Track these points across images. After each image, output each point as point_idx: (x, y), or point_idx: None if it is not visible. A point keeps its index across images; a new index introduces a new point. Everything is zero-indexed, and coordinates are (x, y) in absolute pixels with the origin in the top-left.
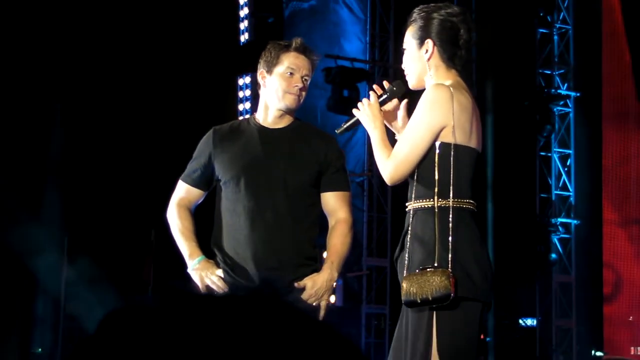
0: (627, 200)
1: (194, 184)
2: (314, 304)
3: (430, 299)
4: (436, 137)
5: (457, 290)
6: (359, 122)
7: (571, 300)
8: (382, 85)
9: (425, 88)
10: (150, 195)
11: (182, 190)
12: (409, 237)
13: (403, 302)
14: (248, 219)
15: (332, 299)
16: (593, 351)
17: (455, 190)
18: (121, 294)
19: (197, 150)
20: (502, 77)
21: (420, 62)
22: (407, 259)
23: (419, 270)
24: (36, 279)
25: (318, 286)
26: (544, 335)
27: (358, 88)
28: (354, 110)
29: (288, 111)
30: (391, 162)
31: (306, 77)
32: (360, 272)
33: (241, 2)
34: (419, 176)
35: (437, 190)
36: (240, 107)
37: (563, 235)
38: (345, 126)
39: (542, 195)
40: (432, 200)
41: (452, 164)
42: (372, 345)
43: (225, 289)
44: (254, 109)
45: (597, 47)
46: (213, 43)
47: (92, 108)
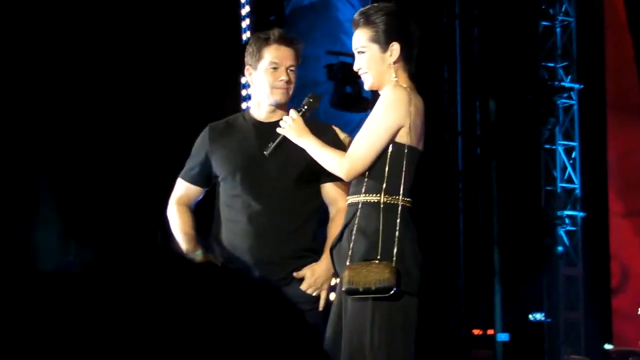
0: (633, 191)
1: (192, 181)
2: (313, 294)
3: (373, 288)
4: (392, 137)
5: (399, 283)
6: (285, 138)
7: (578, 294)
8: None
9: (381, 90)
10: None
11: (181, 188)
12: (353, 229)
13: (344, 290)
14: (245, 213)
15: (332, 297)
16: (605, 345)
17: (405, 189)
18: None
19: (194, 147)
20: (505, 71)
21: (383, 64)
22: (349, 250)
23: (364, 261)
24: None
25: (317, 275)
26: (551, 328)
27: (360, 84)
28: (279, 129)
29: (279, 105)
30: (347, 160)
31: (291, 68)
32: None
33: (242, 0)
34: (369, 172)
35: (384, 187)
36: (244, 105)
37: (569, 227)
38: (272, 145)
39: (548, 188)
40: (379, 195)
41: (405, 164)
42: None
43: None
44: None
45: (600, 39)
46: (214, 42)
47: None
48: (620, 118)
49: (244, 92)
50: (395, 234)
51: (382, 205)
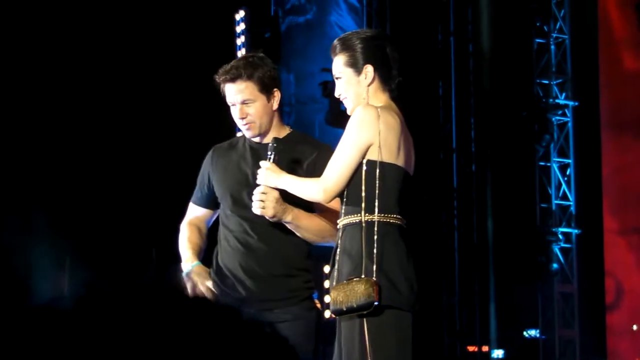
0: (627, 208)
1: (200, 203)
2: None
3: (355, 306)
4: (363, 155)
5: (381, 298)
6: (277, 155)
7: (573, 310)
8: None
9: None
10: (151, 213)
11: (191, 211)
12: (338, 252)
13: (331, 311)
14: (237, 234)
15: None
16: None
17: (381, 205)
18: None
19: (200, 170)
20: (499, 88)
21: (359, 87)
22: (336, 273)
23: (346, 280)
24: (37, 299)
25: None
26: (546, 345)
27: None
28: (258, 181)
29: (257, 136)
30: (322, 182)
31: (246, 101)
32: None
33: (237, 17)
34: (347, 194)
35: (363, 205)
36: None
37: (564, 245)
38: (271, 156)
39: (542, 205)
40: (360, 215)
41: (378, 180)
42: None
43: (212, 297)
44: None
45: (594, 56)
46: (210, 60)
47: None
48: (614, 135)
49: None
50: (374, 250)
51: (364, 225)
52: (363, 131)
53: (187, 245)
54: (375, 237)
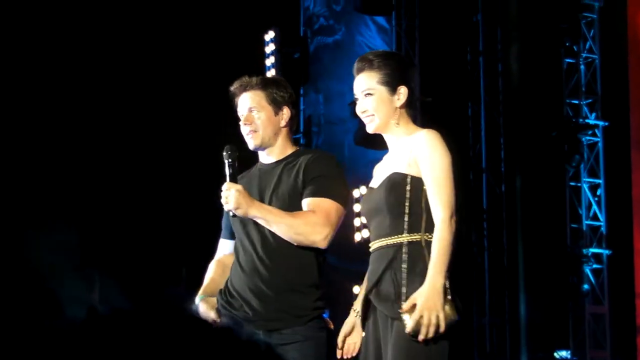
0: None
1: (224, 235)
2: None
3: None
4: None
5: (459, 314)
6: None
7: (605, 331)
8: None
9: (388, 132)
10: (181, 233)
11: (220, 246)
12: (399, 271)
13: (412, 333)
14: (244, 255)
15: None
16: None
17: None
18: None
19: None
20: (529, 108)
21: (391, 107)
22: (401, 294)
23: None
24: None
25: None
26: None
27: None
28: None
29: (260, 149)
30: (448, 210)
31: (252, 109)
32: None
33: (267, 38)
34: (410, 210)
35: (424, 225)
36: None
37: (595, 265)
38: (227, 174)
39: (573, 225)
40: (420, 234)
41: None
42: None
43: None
44: None
45: (624, 75)
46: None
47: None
48: None
49: None
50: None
51: (424, 244)
52: (447, 151)
53: (204, 280)
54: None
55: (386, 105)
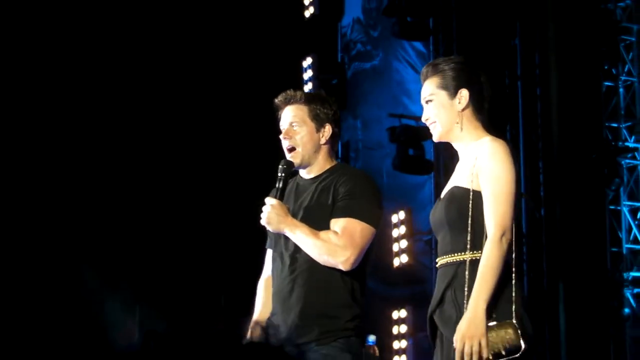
0: None
1: (269, 245)
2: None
3: (504, 352)
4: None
5: (527, 341)
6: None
7: None
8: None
9: (454, 140)
10: (219, 261)
11: (266, 257)
12: (461, 291)
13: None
14: (277, 273)
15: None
16: None
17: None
18: None
19: None
20: (568, 131)
21: (452, 111)
22: (453, 312)
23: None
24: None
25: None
26: None
27: (423, 146)
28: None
29: (300, 168)
30: (499, 229)
31: (294, 124)
32: None
33: (305, 65)
34: (472, 227)
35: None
36: None
37: (636, 289)
38: (277, 192)
39: (613, 249)
40: (481, 252)
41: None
42: None
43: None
44: None
45: None
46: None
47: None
48: None
49: None
50: (512, 293)
51: None
52: (511, 164)
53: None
54: (514, 276)
55: (446, 110)
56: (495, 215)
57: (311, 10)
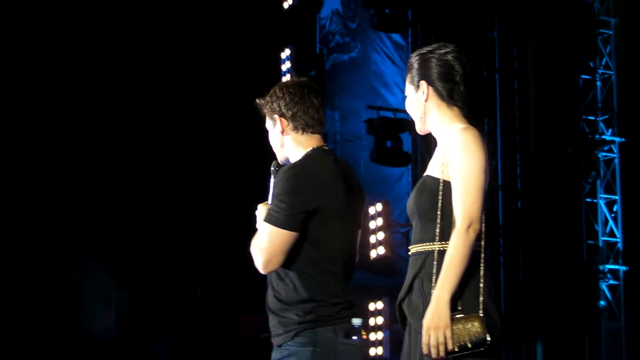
0: None
1: None
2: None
3: (470, 345)
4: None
5: (490, 333)
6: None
7: (621, 348)
8: None
9: (432, 131)
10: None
11: None
12: (428, 280)
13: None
14: None
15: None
16: None
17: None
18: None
19: None
20: (546, 124)
21: (419, 104)
22: (420, 301)
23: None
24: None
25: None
26: None
27: (401, 139)
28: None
29: (285, 164)
30: (466, 220)
31: (267, 129)
32: None
33: (283, 56)
34: (442, 217)
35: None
36: None
37: (612, 282)
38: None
39: (589, 242)
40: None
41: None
42: None
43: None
44: None
45: None
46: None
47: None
48: None
49: None
50: (480, 285)
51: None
52: (481, 154)
53: None
54: (482, 267)
55: (415, 105)
56: (463, 205)
57: (290, 1)
